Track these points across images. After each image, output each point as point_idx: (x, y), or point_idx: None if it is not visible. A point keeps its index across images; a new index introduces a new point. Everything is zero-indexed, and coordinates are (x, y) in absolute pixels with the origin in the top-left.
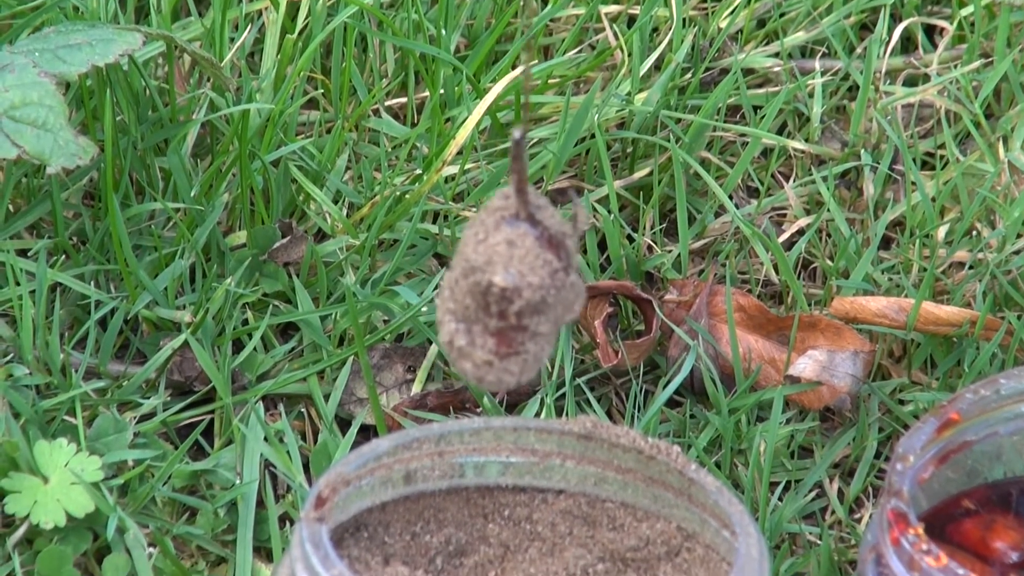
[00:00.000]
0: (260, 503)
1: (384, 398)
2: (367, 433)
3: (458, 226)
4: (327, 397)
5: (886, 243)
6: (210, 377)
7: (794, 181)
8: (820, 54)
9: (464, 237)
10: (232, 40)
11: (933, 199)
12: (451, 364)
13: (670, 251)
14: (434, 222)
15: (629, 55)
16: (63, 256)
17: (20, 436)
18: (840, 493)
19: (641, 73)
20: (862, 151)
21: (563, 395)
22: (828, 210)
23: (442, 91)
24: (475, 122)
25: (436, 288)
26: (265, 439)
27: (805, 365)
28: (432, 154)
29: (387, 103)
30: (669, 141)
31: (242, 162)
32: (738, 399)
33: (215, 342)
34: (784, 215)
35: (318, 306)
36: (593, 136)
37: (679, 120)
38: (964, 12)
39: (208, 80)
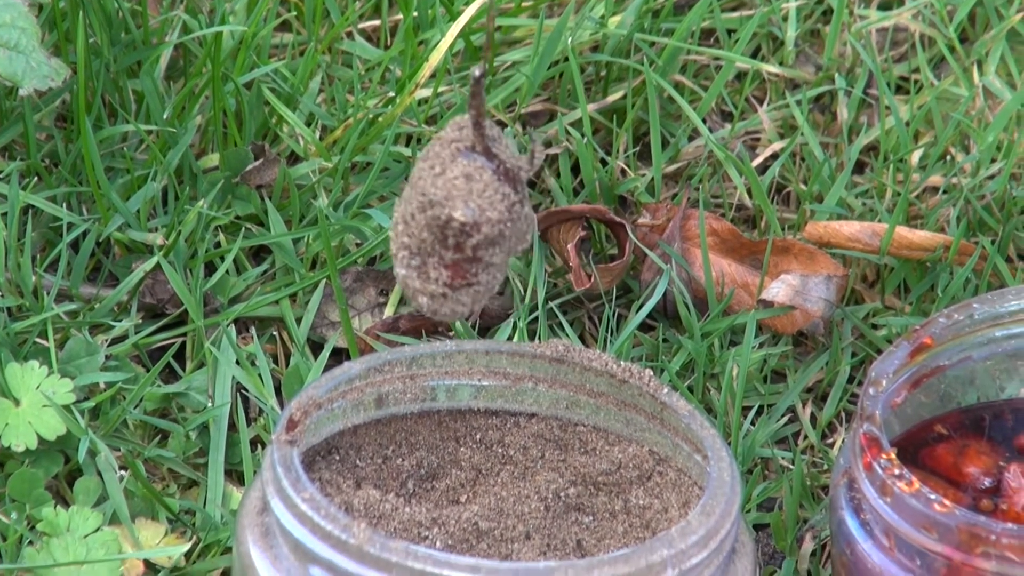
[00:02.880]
0: (232, 426)
1: (356, 321)
2: (339, 356)
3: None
4: (299, 320)
5: (860, 167)
6: (182, 300)
7: (768, 105)
8: None
9: (418, 169)
10: None
11: (907, 123)
12: (405, 294)
13: (643, 175)
14: (407, 145)
15: None
16: (35, 178)
17: None
18: (813, 418)
19: None
20: (836, 75)
21: (536, 319)
22: (802, 134)
23: (415, 14)
24: (448, 45)
25: None
26: (237, 362)
27: (778, 289)
28: (405, 77)
29: (360, 26)
30: (643, 64)
31: (215, 84)
32: (711, 323)
33: (187, 265)
34: (758, 139)
35: (290, 229)
36: (567, 59)
37: (653, 43)
38: None
39: (181, 2)
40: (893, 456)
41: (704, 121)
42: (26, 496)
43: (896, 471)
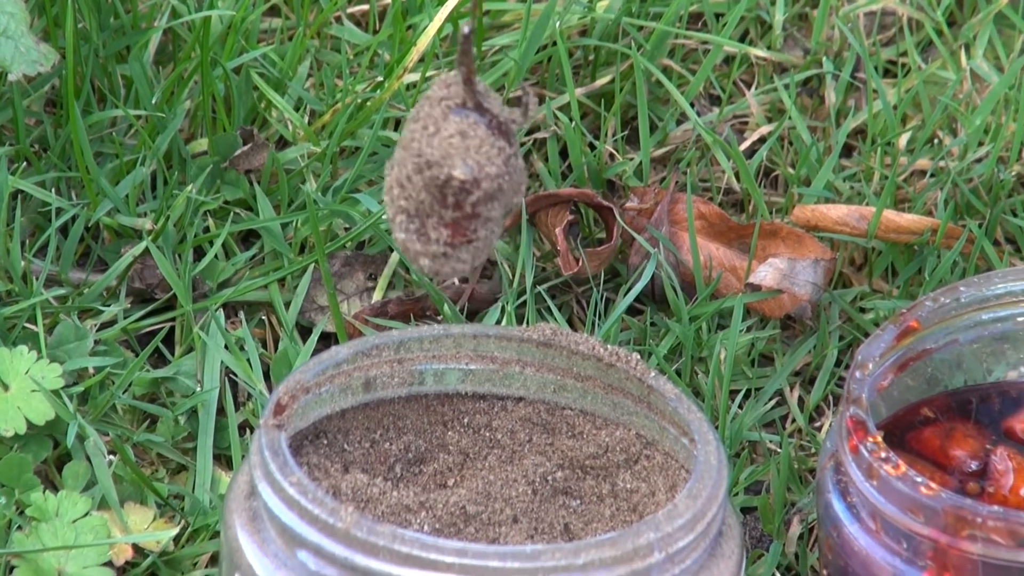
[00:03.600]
0: (220, 411)
1: (345, 306)
2: (328, 341)
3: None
4: (288, 305)
5: (847, 151)
6: (171, 284)
7: (756, 89)
8: None
9: (410, 130)
10: None
11: (895, 107)
12: (405, 258)
13: (631, 159)
14: (395, 129)
15: None
16: (24, 163)
17: None
18: (800, 401)
19: None
20: (824, 59)
21: (524, 303)
22: (790, 118)
23: None
24: (436, 29)
25: None
26: (226, 347)
27: (766, 273)
28: (393, 61)
29: (349, 10)
30: (631, 48)
31: (204, 69)
32: (699, 307)
33: (176, 249)
34: (746, 123)
35: (279, 213)
36: (555, 43)
37: (641, 27)
38: None
39: None
40: (880, 439)
41: (692, 105)
42: (15, 481)
43: (883, 454)
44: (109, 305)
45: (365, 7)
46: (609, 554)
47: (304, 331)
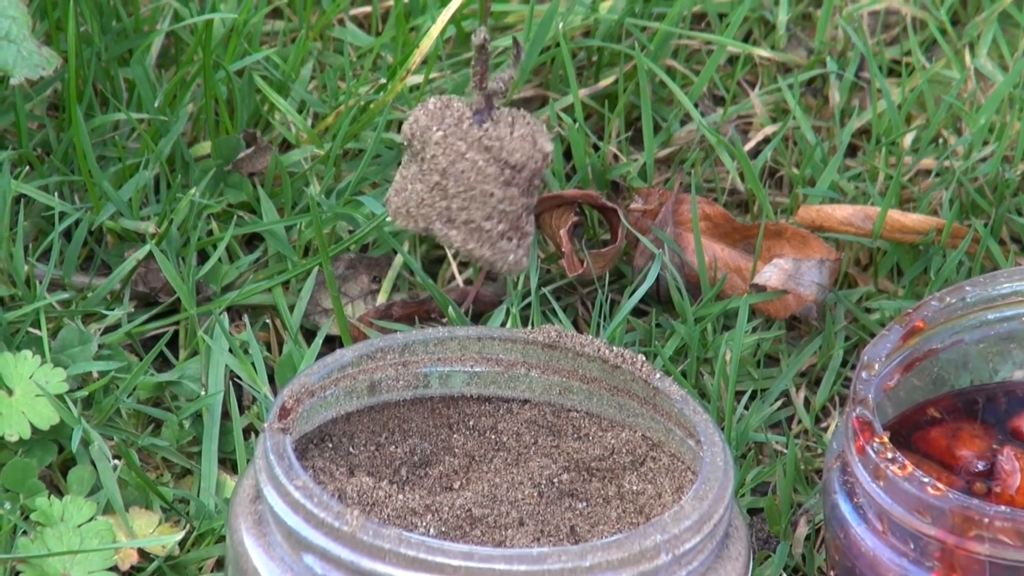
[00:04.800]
0: (225, 414)
1: (349, 308)
2: (332, 344)
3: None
4: (292, 308)
5: (852, 151)
6: (175, 288)
7: (760, 89)
8: None
9: (461, 170)
10: None
11: (899, 106)
12: (488, 266)
13: (636, 160)
14: (399, 131)
15: None
16: (27, 167)
17: None
18: (806, 402)
19: None
20: (828, 58)
21: (529, 304)
22: (794, 118)
23: (406, 0)
24: (439, 31)
25: None
26: (230, 350)
27: (771, 274)
28: (396, 63)
29: (351, 12)
30: (634, 49)
31: (206, 72)
32: (704, 308)
33: (180, 253)
34: (750, 123)
35: (283, 216)
36: (558, 44)
37: (644, 28)
38: None
39: None
40: (886, 440)
41: (696, 105)
42: (20, 486)
43: (889, 455)
44: (113, 309)
45: (368, 9)
46: (616, 556)
47: (308, 334)
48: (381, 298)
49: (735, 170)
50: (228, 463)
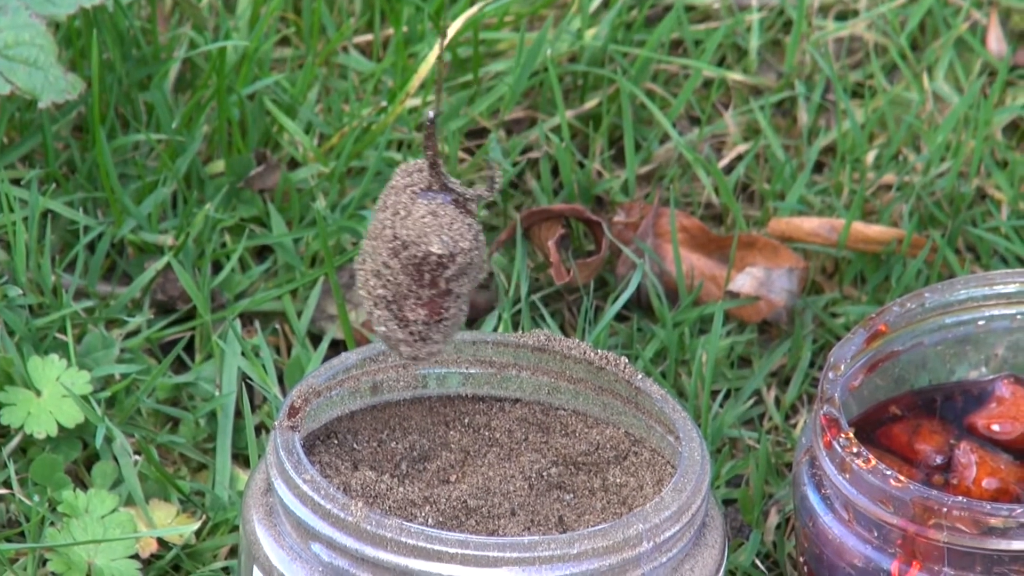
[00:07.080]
0: (238, 413)
1: (353, 315)
2: (337, 348)
3: (419, 156)
4: (300, 314)
5: (819, 167)
6: (191, 296)
7: (733, 110)
8: None
9: (379, 220)
10: None
11: (862, 126)
12: (386, 346)
13: (618, 176)
14: (399, 150)
15: None
16: (54, 185)
17: (15, 352)
18: (777, 400)
19: (591, 10)
20: (796, 82)
21: (519, 311)
22: (765, 137)
23: (405, 28)
24: (436, 57)
25: None
26: (242, 354)
27: (744, 281)
28: (396, 87)
29: (354, 40)
30: (617, 73)
31: (220, 96)
32: (682, 313)
33: (195, 263)
34: (724, 142)
35: (291, 229)
36: (546, 69)
37: (626, 54)
38: None
39: (188, 20)
40: (851, 435)
41: (674, 125)
42: (47, 480)
43: (854, 449)
44: (134, 316)
45: (370, 37)
46: (601, 544)
47: (315, 339)
48: None
49: (710, 185)
50: (241, 458)
